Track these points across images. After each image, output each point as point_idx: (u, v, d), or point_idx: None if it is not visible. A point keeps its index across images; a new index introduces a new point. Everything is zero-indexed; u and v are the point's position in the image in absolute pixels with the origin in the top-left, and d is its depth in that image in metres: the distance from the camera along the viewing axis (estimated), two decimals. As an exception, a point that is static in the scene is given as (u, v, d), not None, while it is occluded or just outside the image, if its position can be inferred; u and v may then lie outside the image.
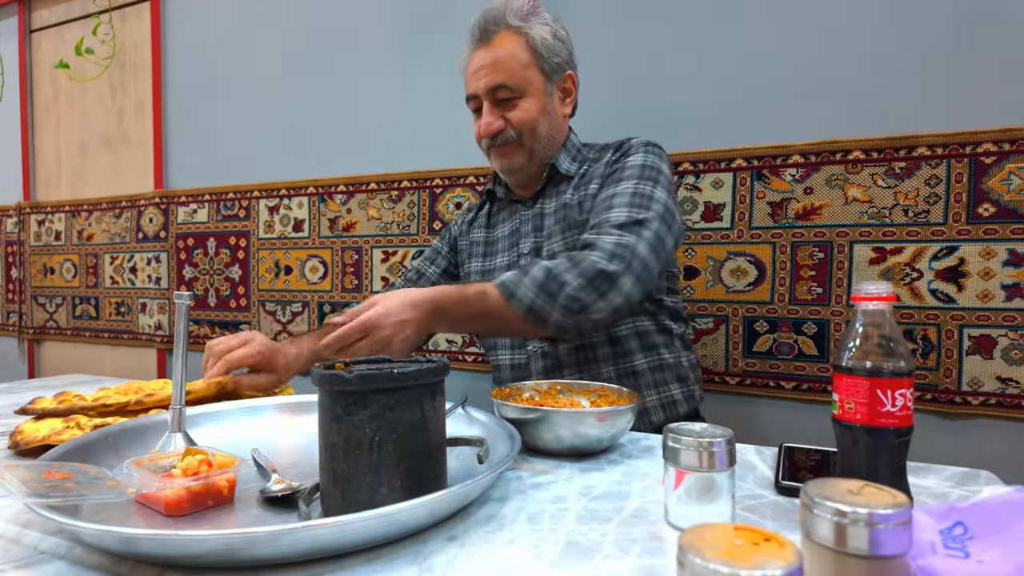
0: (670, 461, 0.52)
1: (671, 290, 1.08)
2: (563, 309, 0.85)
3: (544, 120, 1.05)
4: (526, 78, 1.03)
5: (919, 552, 0.39)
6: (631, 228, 0.89)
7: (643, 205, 0.92)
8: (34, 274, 2.35)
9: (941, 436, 1.16)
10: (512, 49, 1.02)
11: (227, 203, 1.91)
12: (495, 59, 1.02)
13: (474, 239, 1.19)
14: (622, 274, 0.86)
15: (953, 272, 1.14)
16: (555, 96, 1.07)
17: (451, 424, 0.75)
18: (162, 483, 0.54)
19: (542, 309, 0.86)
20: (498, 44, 1.03)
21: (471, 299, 0.88)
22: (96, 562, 0.47)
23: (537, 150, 1.06)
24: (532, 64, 1.03)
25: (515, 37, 1.03)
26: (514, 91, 1.02)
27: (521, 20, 1.03)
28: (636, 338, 1.03)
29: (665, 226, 0.92)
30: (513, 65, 1.02)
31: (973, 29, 1.12)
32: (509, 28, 1.03)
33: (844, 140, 1.20)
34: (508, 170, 1.08)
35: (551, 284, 0.86)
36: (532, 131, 1.04)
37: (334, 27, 1.75)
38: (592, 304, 0.86)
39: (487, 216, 1.19)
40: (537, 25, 1.04)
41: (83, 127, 2.23)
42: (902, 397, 0.53)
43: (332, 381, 0.52)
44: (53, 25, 2.27)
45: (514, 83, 1.02)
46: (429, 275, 1.23)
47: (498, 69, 1.02)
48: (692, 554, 0.29)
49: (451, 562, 0.46)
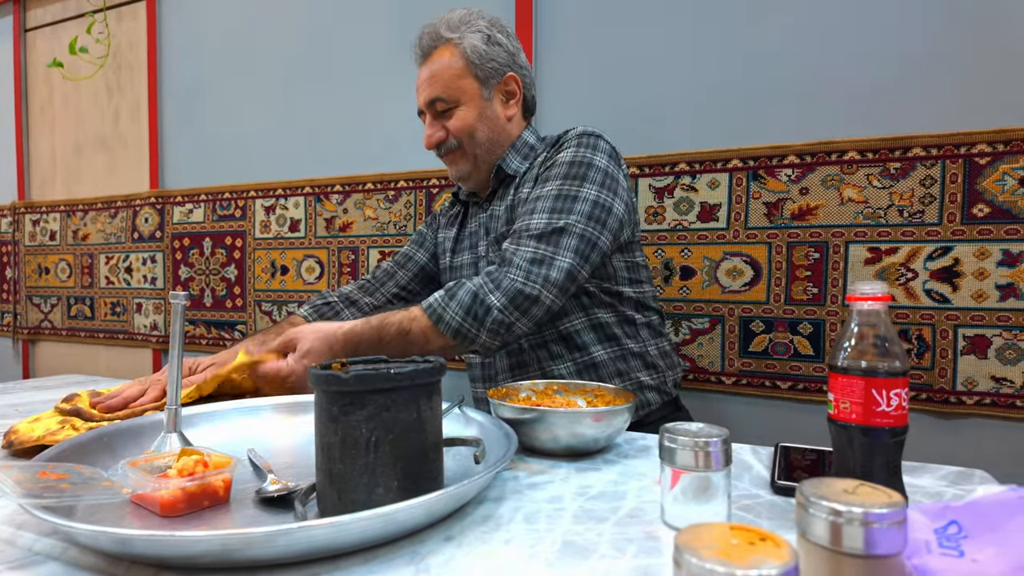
0: (666, 461, 0.52)
1: (634, 280, 1.06)
2: (489, 332, 0.89)
3: (482, 125, 1.07)
4: (459, 87, 1.05)
5: (914, 551, 0.39)
6: (549, 238, 0.91)
7: (564, 209, 0.92)
8: (29, 274, 2.34)
9: (936, 436, 1.17)
10: (445, 61, 1.06)
11: (223, 203, 1.91)
12: (431, 73, 1.07)
13: (447, 235, 1.21)
14: (541, 290, 0.89)
15: (948, 272, 1.15)
16: (495, 100, 1.08)
17: (448, 424, 0.75)
18: (157, 484, 0.54)
19: (469, 332, 0.89)
20: (435, 58, 1.07)
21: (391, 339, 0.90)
22: (91, 563, 0.46)
23: (480, 155, 1.08)
24: (465, 73, 1.06)
25: (449, 48, 1.06)
26: (448, 102, 1.06)
27: (452, 31, 1.06)
28: (591, 331, 1.03)
29: (596, 224, 0.93)
30: (446, 77, 1.05)
31: (968, 30, 1.13)
32: (443, 41, 1.07)
33: (839, 141, 1.21)
34: (458, 177, 1.12)
35: (477, 308, 0.89)
36: (471, 137, 1.06)
37: (331, 27, 1.74)
38: (516, 323, 0.90)
39: (462, 215, 1.21)
40: (469, 34, 1.06)
41: (78, 127, 2.22)
42: (897, 397, 0.53)
43: (328, 381, 0.52)
44: (48, 24, 2.26)
45: (447, 94, 1.05)
46: (417, 259, 1.24)
47: (433, 83, 1.06)
48: (688, 554, 0.29)
49: (448, 562, 0.46)
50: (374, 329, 0.90)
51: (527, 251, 0.90)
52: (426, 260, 1.23)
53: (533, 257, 0.90)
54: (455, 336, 0.89)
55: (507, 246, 0.93)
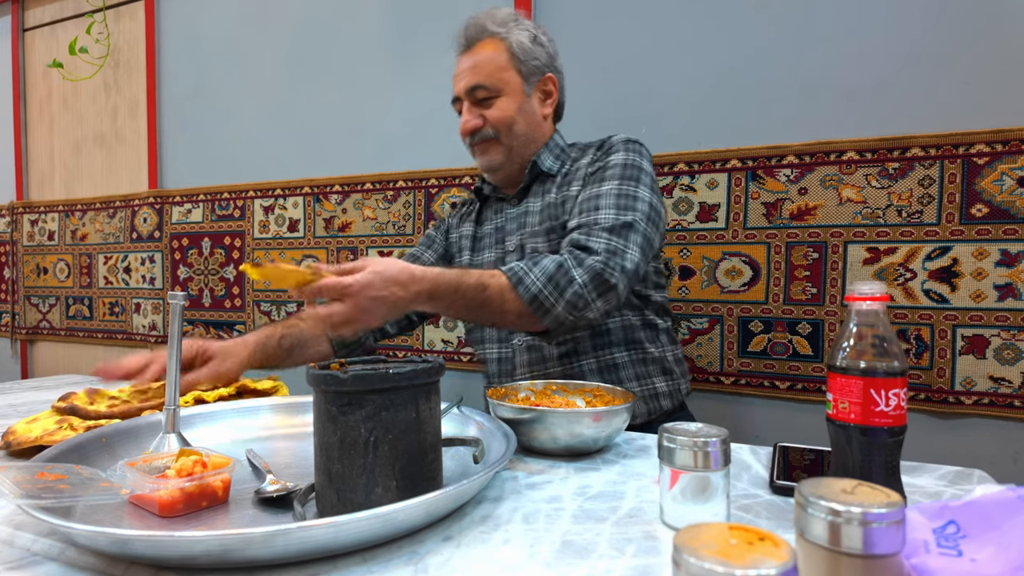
0: (665, 461, 0.52)
1: (658, 285, 1.09)
2: (568, 304, 0.86)
3: (521, 119, 1.07)
4: (502, 79, 1.06)
5: (912, 551, 0.40)
6: (620, 231, 0.91)
7: (629, 207, 0.93)
8: (27, 274, 2.34)
9: (934, 435, 1.17)
10: (490, 53, 1.07)
11: (222, 203, 1.91)
12: (474, 63, 1.07)
13: (463, 233, 1.21)
14: (618, 279, 0.88)
15: (946, 272, 1.15)
16: (534, 97, 1.10)
17: (446, 424, 0.75)
18: (156, 484, 0.54)
19: (547, 300, 0.86)
20: (479, 50, 1.08)
21: (468, 289, 0.86)
22: (89, 564, 0.46)
23: (515, 148, 1.08)
24: (509, 66, 1.07)
25: (495, 42, 1.07)
26: (490, 91, 1.06)
27: (499, 26, 1.08)
28: (621, 331, 1.04)
29: (652, 226, 0.94)
30: (490, 67, 1.06)
31: (967, 31, 1.13)
32: (489, 34, 1.08)
33: (838, 141, 1.21)
34: (488, 167, 1.10)
35: (561, 278, 0.87)
36: (509, 129, 1.07)
37: (329, 27, 1.74)
38: (592, 303, 0.87)
39: (477, 212, 1.21)
40: (516, 30, 1.08)
41: (77, 126, 2.22)
42: (896, 397, 0.53)
43: (327, 381, 0.52)
44: (47, 24, 2.25)
45: (490, 83, 1.06)
46: (425, 260, 1.22)
47: (476, 71, 1.06)
48: (687, 553, 0.29)
49: (446, 562, 0.46)
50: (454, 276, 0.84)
51: (602, 242, 0.90)
52: (434, 261, 1.22)
53: (608, 247, 0.89)
54: (531, 303, 0.86)
55: (578, 237, 0.92)
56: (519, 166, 1.10)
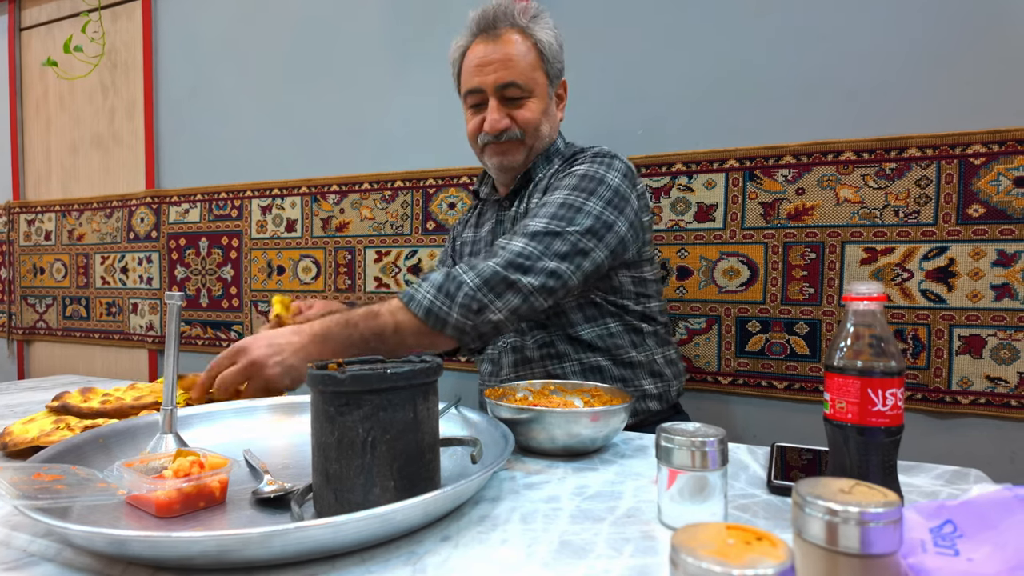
0: (663, 461, 0.52)
1: (641, 295, 1.06)
2: (462, 308, 0.85)
3: (546, 122, 1.07)
4: (534, 79, 1.04)
5: (909, 550, 0.40)
6: (541, 238, 0.89)
7: (565, 217, 0.91)
8: (23, 274, 2.33)
9: (931, 435, 1.17)
10: (520, 48, 1.03)
11: (219, 203, 1.90)
12: (506, 55, 1.02)
13: (465, 239, 1.21)
14: (519, 279, 0.86)
15: (943, 272, 1.15)
16: (552, 100, 1.09)
17: (444, 424, 0.75)
18: (153, 484, 0.54)
19: (440, 310, 0.85)
20: (506, 40, 1.02)
21: (358, 321, 0.85)
22: (86, 564, 0.46)
23: (534, 149, 1.07)
24: (539, 66, 1.04)
25: (523, 37, 1.04)
26: (524, 90, 1.03)
27: (529, 21, 1.04)
28: (599, 339, 1.03)
29: (592, 238, 0.91)
30: (523, 64, 1.02)
31: (964, 31, 1.13)
32: (517, 27, 1.03)
33: (835, 141, 1.21)
34: (508, 167, 1.08)
35: (449, 285, 0.86)
36: (535, 131, 1.05)
37: (327, 26, 1.74)
38: (490, 304, 0.85)
39: (477, 216, 1.21)
40: (542, 29, 1.05)
41: (74, 126, 2.21)
42: (893, 396, 0.53)
43: (325, 381, 0.52)
44: (43, 23, 2.25)
45: (524, 82, 1.02)
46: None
47: (509, 66, 1.02)
48: (685, 553, 0.29)
49: (444, 562, 0.46)
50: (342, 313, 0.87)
51: (516, 245, 0.88)
52: None
53: (520, 251, 0.87)
54: (427, 316, 0.85)
55: (498, 241, 0.92)
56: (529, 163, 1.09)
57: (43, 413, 0.84)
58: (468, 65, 1.06)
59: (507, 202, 1.12)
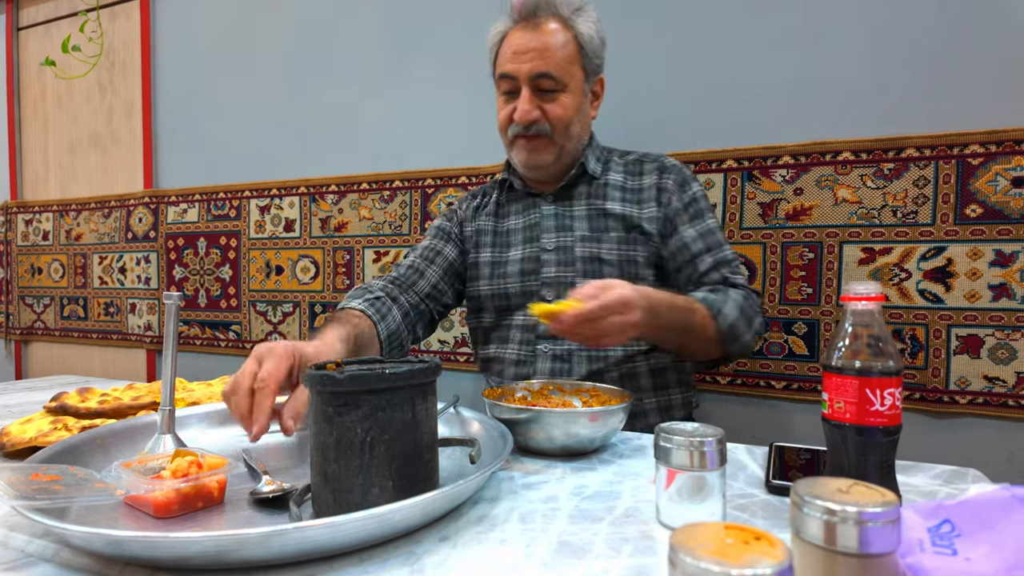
0: (661, 460, 0.52)
1: None
2: (754, 334, 0.96)
3: (577, 119, 1.04)
4: (570, 72, 1.01)
5: (908, 550, 0.40)
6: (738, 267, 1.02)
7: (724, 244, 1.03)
8: (21, 274, 2.33)
9: (929, 435, 1.18)
10: (560, 39, 0.99)
11: (217, 203, 1.90)
12: (544, 45, 0.99)
13: (482, 227, 1.15)
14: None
15: (941, 272, 1.15)
16: (588, 97, 1.06)
17: (443, 424, 0.75)
18: (151, 485, 0.54)
19: (738, 329, 0.93)
20: (546, 29, 1.00)
21: (680, 309, 0.88)
22: (84, 565, 0.46)
23: (567, 148, 1.04)
24: (577, 59, 1.01)
25: (564, 28, 1.00)
26: (558, 83, 1.00)
27: (572, 12, 1.01)
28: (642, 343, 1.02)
29: None
30: (560, 56, 0.99)
31: (962, 31, 1.13)
32: (559, 17, 1.00)
33: (834, 141, 1.21)
34: (535, 165, 1.05)
35: (749, 310, 0.95)
36: (566, 129, 1.02)
37: (326, 26, 1.74)
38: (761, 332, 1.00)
39: (496, 205, 1.15)
40: (584, 22, 1.02)
41: (72, 126, 2.21)
42: (891, 396, 0.53)
43: (323, 382, 0.51)
44: (41, 23, 2.24)
45: (560, 75, 0.99)
46: (447, 255, 1.14)
47: (546, 56, 0.99)
48: (683, 553, 0.29)
49: (443, 562, 0.46)
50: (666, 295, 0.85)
51: (740, 277, 1.00)
52: (455, 256, 1.15)
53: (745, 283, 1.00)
54: (729, 331, 0.92)
55: (727, 274, 0.99)
56: (565, 166, 1.07)
57: (41, 413, 0.84)
58: (505, 51, 1.03)
59: (551, 197, 1.09)
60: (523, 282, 1.07)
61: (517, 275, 1.07)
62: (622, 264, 1.02)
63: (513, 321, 1.08)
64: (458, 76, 1.56)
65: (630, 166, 1.10)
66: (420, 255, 1.13)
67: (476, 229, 1.16)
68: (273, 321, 1.82)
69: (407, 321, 1.03)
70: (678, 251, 1.03)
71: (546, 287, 1.05)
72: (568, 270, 1.04)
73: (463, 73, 1.55)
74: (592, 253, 1.03)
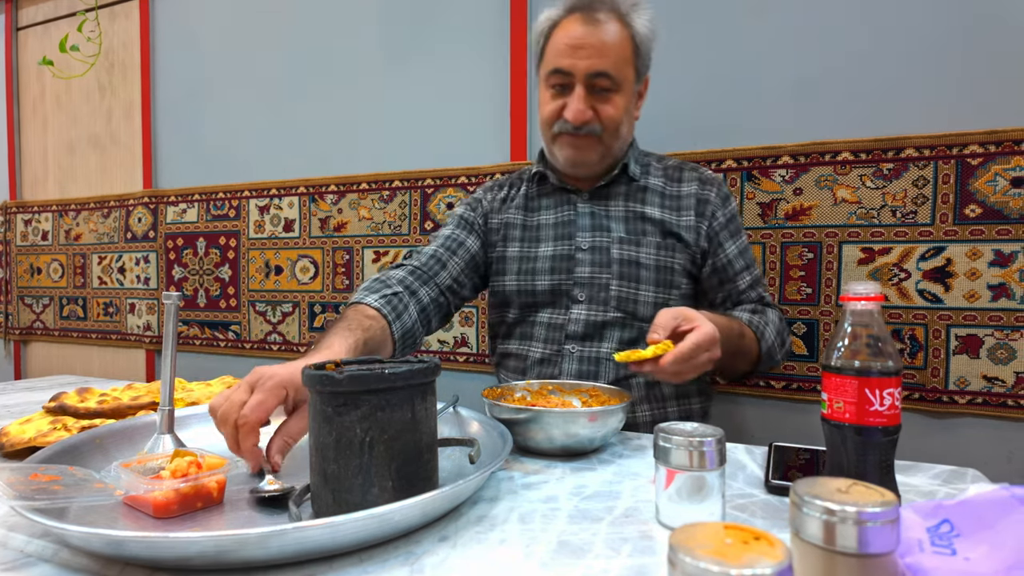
0: (661, 460, 0.52)
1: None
2: (785, 355, 1.05)
3: (626, 120, 1.01)
4: (625, 73, 0.98)
5: (907, 550, 0.40)
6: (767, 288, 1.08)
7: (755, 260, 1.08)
8: (20, 274, 2.32)
9: (928, 435, 1.18)
10: (618, 37, 0.96)
11: (217, 203, 1.90)
12: (603, 42, 0.95)
13: (510, 220, 1.11)
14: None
15: (940, 272, 1.15)
16: (635, 97, 1.04)
17: (442, 424, 0.75)
18: (150, 485, 0.54)
19: (774, 351, 0.99)
20: (604, 25, 0.95)
21: (735, 335, 0.91)
22: (83, 565, 0.46)
23: (613, 149, 1.02)
24: (630, 60, 0.98)
25: (622, 26, 0.97)
26: (614, 83, 0.96)
27: (630, 8, 0.97)
28: None
29: None
30: (618, 56, 0.96)
31: (961, 32, 1.13)
32: (617, 13, 0.97)
33: (833, 141, 1.21)
34: (581, 163, 1.02)
35: (783, 332, 1.03)
36: (616, 130, 0.99)
37: (325, 26, 1.74)
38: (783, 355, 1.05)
39: (525, 198, 1.12)
40: (641, 20, 0.98)
41: (71, 127, 2.21)
42: (890, 396, 0.53)
43: (323, 382, 0.51)
44: (40, 23, 2.24)
45: (617, 74, 0.96)
46: (469, 246, 1.10)
47: (605, 54, 0.95)
48: (683, 553, 0.29)
49: (442, 562, 0.46)
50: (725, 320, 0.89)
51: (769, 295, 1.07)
52: (477, 248, 1.11)
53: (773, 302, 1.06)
54: (766, 353, 0.97)
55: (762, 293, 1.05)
56: (607, 166, 1.05)
57: (40, 414, 0.84)
58: (558, 42, 0.97)
59: (586, 195, 1.06)
60: (553, 279, 1.04)
61: (547, 272, 1.05)
62: (659, 270, 1.01)
63: (539, 318, 1.06)
64: (457, 75, 1.56)
65: (670, 171, 1.08)
66: (443, 244, 1.09)
67: (504, 222, 1.12)
68: (272, 321, 1.82)
69: (423, 317, 1.00)
70: (722, 268, 1.03)
71: (578, 287, 1.03)
72: (603, 271, 1.02)
73: (463, 72, 1.55)
74: (630, 256, 1.01)
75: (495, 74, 1.51)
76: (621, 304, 1.00)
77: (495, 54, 1.50)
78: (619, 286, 1.01)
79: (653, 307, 0.99)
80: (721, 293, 1.04)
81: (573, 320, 1.02)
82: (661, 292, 1.01)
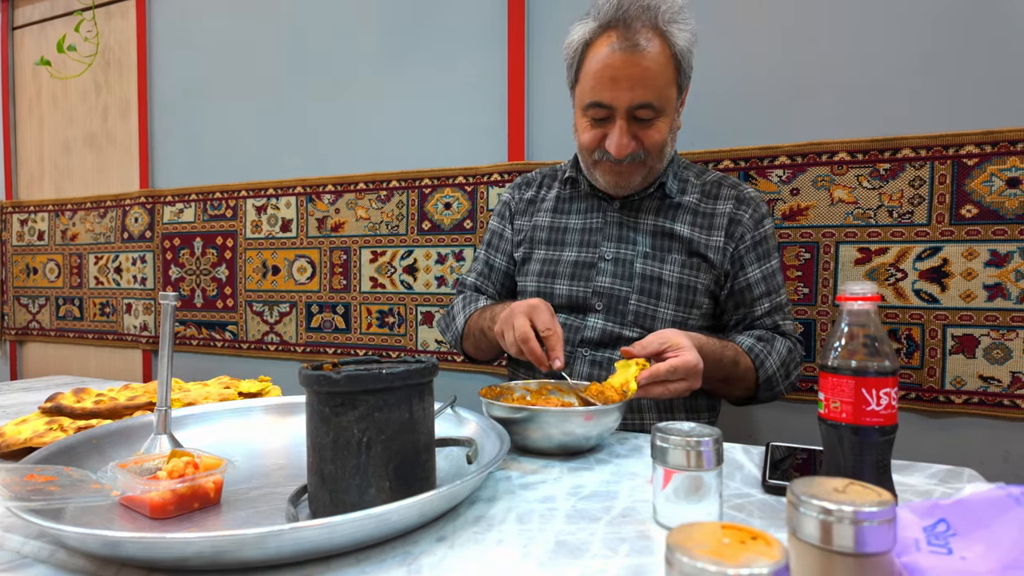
0: (658, 460, 0.52)
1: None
2: (789, 387, 0.99)
3: (670, 140, 0.99)
4: (667, 96, 0.93)
5: (903, 549, 0.40)
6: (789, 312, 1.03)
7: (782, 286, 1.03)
8: (16, 274, 2.32)
9: (925, 434, 1.18)
10: (660, 60, 0.91)
11: (214, 203, 1.90)
12: (644, 71, 0.89)
13: (538, 223, 1.10)
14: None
15: (936, 272, 1.16)
16: (678, 111, 1.00)
17: (440, 424, 0.75)
18: (147, 485, 0.53)
19: (774, 381, 0.96)
20: (646, 52, 0.90)
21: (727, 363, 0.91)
22: (80, 566, 0.46)
23: (655, 171, 1.00)
24: (673, 80, 0.93)
25: (662, 44, 0.91)
26: (656, 111, 0.93)
27: (669, 22, 0.91)
28: None
29: None
30: (660, 82, 0.91)
31: (957, 32, 1.14)
32: (656, 29, 0.90)
33: (830, 142, 1.22)
34: (624, 187, 1.00)
35: (789, 364, 0.98)
36: (660, 152, 0.97)
37: (322, 26, 1.74)
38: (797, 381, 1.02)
39: (556, 200, 1.10)
40: (681, 32, 0.92)
41: (67, 126, 2.20)
42: (887, 396, 0.53)
43: (320, 382, 0.51)
44: (36, 22, 2.23)
45: (659, 102, 0.92)
46: (499, 267, 1.14)
47: (647, 84, 0.90)
48: (680, 553, 0.29)
49: (440, 563, 0.46)
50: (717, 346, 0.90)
51: (789, 323, 1.02)
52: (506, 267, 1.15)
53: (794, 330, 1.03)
54: (766, 383, 0.96)
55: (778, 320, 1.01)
56: (647, 182, 1.02)
57: (36, 414, 0.83)
58: (593, 68, 0.92)
59: (617, 203, 1.05)
60: (572, 287, 1.03)
61: (567, 277, 1.04)
62: (681, 288, 0.99)
63: None
64: (455, 75, 1.56)
65: (707, 187, 1.05)
66: (481, 273, 1.18)
67: (532, 224, 1.11)
68: (270, 321, 1.82)
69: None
70: (739, 291, 1.01)
71: (596, 296, 1.02)
72: (624, 284, 1.01)
73: (460, 72, 1.55)
74: (653, 272, 1.00)
75: (492, 74, 1.51)
76: (639, 319, 0.99)
77: (492, 54, 1.50)
78: (638, 301, 0.99)
79: (671, 325, 0.98)
80: (736, 316, 1.03)
81: (589, 327, 1.02)
82: (681, 310, 0.99)
